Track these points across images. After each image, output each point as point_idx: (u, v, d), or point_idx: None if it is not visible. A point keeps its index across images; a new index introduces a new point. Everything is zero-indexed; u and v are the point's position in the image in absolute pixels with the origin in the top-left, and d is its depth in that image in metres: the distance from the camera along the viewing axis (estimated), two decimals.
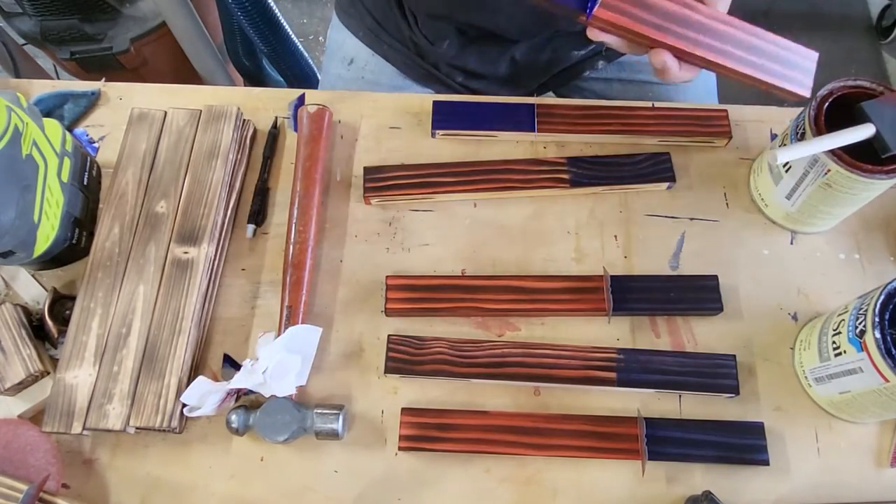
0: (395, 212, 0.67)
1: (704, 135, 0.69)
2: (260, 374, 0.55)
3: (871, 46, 1.86)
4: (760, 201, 0.67)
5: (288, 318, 0.60)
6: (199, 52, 1.19)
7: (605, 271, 0.62)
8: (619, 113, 0.70)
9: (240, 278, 0.64)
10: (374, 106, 0.73)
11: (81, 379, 0.56)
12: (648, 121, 0.70)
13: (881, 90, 0.58)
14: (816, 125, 0.57)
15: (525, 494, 0.56)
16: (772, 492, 0.56)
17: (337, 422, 0.55)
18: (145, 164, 0.65)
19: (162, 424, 0.55)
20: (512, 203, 0.68)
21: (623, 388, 0.59)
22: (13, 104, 0.56)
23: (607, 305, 0.60)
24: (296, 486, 0.56)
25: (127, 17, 1.20)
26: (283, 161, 0.70)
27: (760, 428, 0.57)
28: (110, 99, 0.73)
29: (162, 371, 0.57)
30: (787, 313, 0.63)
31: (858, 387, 0.53)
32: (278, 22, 1.10)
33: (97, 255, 0.61)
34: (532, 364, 0.59)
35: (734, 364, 0.59)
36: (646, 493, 0.56)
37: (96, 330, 0.58)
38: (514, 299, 0.61)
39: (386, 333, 0.61)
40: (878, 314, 0.50)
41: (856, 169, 0.55)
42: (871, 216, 0.67)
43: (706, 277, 0.62)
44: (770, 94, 0.57)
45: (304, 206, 0.64)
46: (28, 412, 0.57)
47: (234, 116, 0.67)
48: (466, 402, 0.59)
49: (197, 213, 0.63)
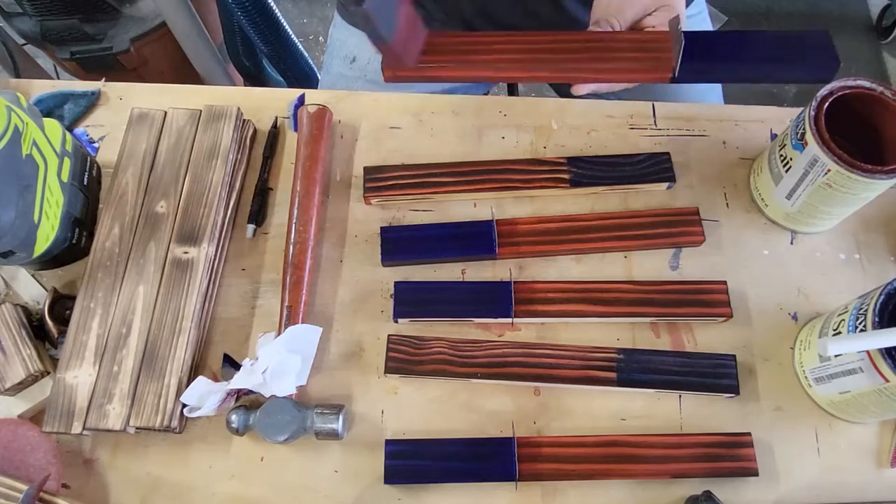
0: (396, 211, 0.67)
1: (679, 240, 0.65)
2: (260, 374, 0.55)
3: (871, 46, 1.86)
4: (760, 201, 0.67)
5: (288, 317, 0.60)
6: (199, 52, 1.19)
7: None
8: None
9: (240, 278, 0.64)
10: (374, 106, 0.72)
11: (81, 379, 0.56)
12: (620, 230, 0.64)
13: (881, 90, 0.58)
14: (816, 125, 0.57)
15: (526, 495, 0.56)
16: (772, 492, 0.56)
17: (337, 422, 0.55)
18: (145, 164, 0.65)
19: (162, 424, 0.55)
20: (512, 203, 0.67)
21: (623, 388, 0.59)
22: (13, 104, 0.56)
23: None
24: (296, 486, 0.56)
25: (127, 17, 1.20)
26: (283, 161, 0.70)
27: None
28: (110, 99, 0.73)
29: (162, 371, 0.57)
30: (787, 313, 0.63)
31: (858, 387, 0.53)
32: (278, 22, 1.10)
33: (97, 255, 0.61)
34: (532, 364, 0.59)
35: (734, 364, 0.59)
36: (646, 493, 0.56)
37: (96, 330, 0.58)
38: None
39: (386, 333, 0.61)
40: (878, 314, 0.50)
41: (856, 169, 0.55)
42: (871, 216, 0.67)
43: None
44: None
45: (304, 206, 0.64)
46: (28, 412, 0.57)
47: (234, 116, 0.67)
48: (466, 402, 0.59)
49: (197, 213, 0.62)
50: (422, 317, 0.61)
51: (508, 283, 0.62)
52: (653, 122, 0.72)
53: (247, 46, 1.18)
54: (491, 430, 0.58)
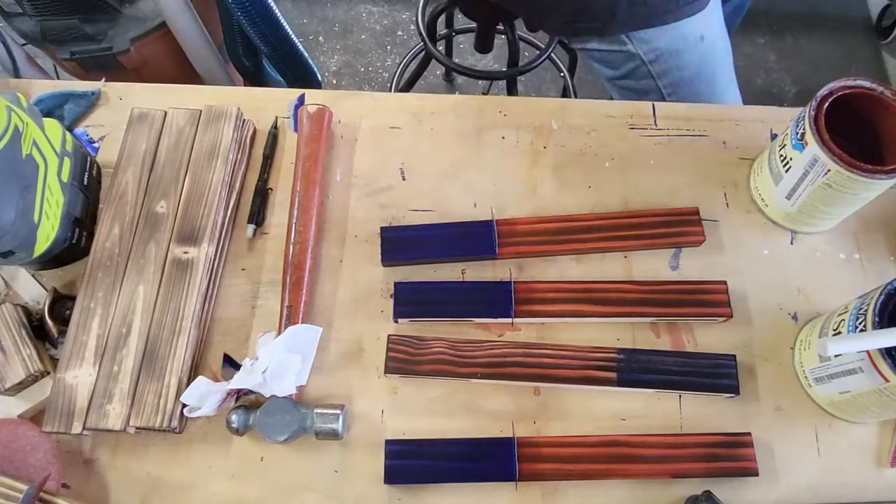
0: (396, 211, 0.67)
1: None
2: (260, 374, 0.55)
3: (871, 46, 1.86)
4: (760, 201, 0.67)
5: (288, 317, 0.60)
6: (199, 53, 1.19)
7: None
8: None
9: (240, 278, 0.64)
10: (374, 106, 0.72)
11: (81, 379, 0.56)
12: (623, 229, 0.64)
13: (881, 90, 0.58)
14: (816, 125, 0.57)
15: (526, 495, 0.56)
16: (772, 492, 0.56)
17: (337, 422, 0.55)
18: (145, 164, 0.65)
19: (162, 424, 0.55)
20: (513, 203, 0.67)
21: (623, 388, 0.59)
22: (13, 104, 0.56)
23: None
24: (296, 486, 0.56)
25: (127, 17, 1.20)
26: (283, 161, 0.70)
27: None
28: (110, 99, 0.73)
29: (162, 371, 0.57)
30: (787, 313, 0.63)
31: (858, 387, 0.53)
32: (278, 22, 1.10)
33: (97, 255, 0.61)
34: (532, 364, 0.59)
35: (734, 364, 0.59)
36: (646, 493, 0.56)
37: (96, 330, 0.58)
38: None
39: (386, 333, 0.61)
40: (878, 314, 0.50)
41: (856, 169, 0.55)
42: (871, 216, 0.67)
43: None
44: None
45: (304, 205, 0.64)
46: (28, 412, 0.57)
47: (234, 116, 0.67)
48: (466, 402, 0.59)
49: (197, 213, 0.62)
50: (422, 317, 0.61)
51: (508, 283, 0.62)
52: (653, 122, 0.72)
53: (247, 46, 1.18)
54: (491, 430, 0.58)
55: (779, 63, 1.79)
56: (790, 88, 1.79)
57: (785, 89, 1.79)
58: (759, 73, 1.80)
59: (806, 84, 1.75)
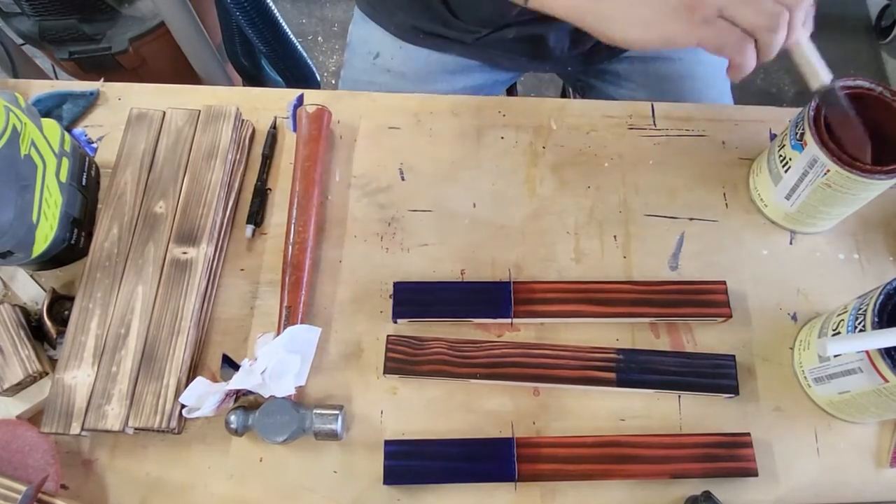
0: (395, 211, 0.67)
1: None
2: (259, 374, 0.55)
3: (871, 46, 1.87)
4: (760, 201, 0.67)
5: (287, 318, 0.60)
6: (197, 53, 1.19)
7: None
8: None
9: (239, 278, 0.64)
10: (373, 106, 0.72)
11: (80, 379, 0.56)
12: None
13: (880, 90, 0.58)
14: (816, 125, 0.57)
15: (525, 495, 0.56)
16: (771, 492, 0.56)
17: (336, 422, 0.55)
18: (144, 164, 0.65)
19: (161, 425, 0.55)
20: (512, 203, 0.67)
21: (622, 389, 0.59)
22: (11, 104, 0.56)
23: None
24: (295, 486, 0.56)
25: (126, 17, 1.20)
26: (282, 161, 0.69)
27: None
28: (109, 99, 0.73)
29: (161, 371, 0.56)
30: (786, 313, 0.63)
31: (858, 387, 0.53)
32: (277, 22, 1.10)
33: (96, 256, 0.61)
34: (531, 364, 0.59)
35: (734, 364, 0.59)
36: (645, 493, 0.56)
37: (95, 330, 0.58)
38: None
39: (385, 334, 0.60)
40: (877, 314, 0.50)
41: (855, 169, 0.55)
42: (871, 216, 0.67)
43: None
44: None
45: (303, 206, 0.64)
46: (27, 413, 0.57)
47: (233, 116, 0.67)
48: (465, 403, 0.59)
49: (196, 214, 0.62)
50: (421, 317, 0.61)
51: (508, 283, 0.62)
52: (652, 123, 0.72)
53: (245, 46, 1.18)
54: (490, 430, 0.58)
55: (778, 63, 1.79)
56: (789, 88, 1.79)
57: (784, 89, 1.79)
58: (758, 73, 1.80)
59: (805, 84, 1.76)
